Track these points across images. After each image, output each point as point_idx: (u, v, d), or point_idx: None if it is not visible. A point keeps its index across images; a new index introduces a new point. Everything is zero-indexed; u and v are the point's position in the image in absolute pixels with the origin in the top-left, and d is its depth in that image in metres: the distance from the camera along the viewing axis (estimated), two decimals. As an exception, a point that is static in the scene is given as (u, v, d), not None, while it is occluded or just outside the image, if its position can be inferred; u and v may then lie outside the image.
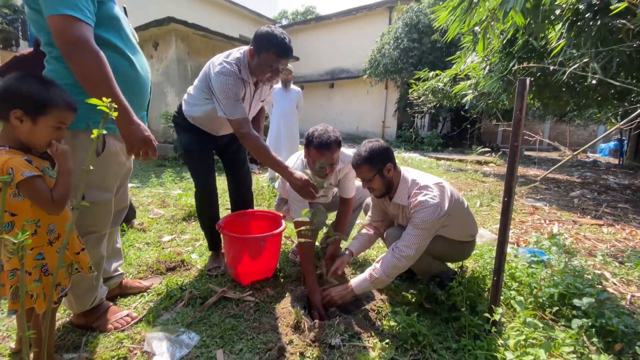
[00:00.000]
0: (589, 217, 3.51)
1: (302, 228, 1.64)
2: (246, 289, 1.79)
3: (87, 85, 1.09)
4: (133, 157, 1.24)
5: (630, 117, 2.21)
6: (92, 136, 1.00)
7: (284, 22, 23.66)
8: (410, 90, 8.17)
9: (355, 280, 1.59)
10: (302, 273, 1.90)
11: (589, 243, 2.72)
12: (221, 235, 1.98)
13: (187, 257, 2.16)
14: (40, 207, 1.00)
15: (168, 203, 3.49)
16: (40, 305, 1.02)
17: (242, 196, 2.18)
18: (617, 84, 2.32)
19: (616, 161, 9.67)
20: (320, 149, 1.64)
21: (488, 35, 2.85)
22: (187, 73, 6.20)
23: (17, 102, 0.96)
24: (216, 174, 2.00)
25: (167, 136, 6.62)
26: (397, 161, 1.66)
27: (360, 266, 2.15)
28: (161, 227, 2.74)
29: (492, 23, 2.75)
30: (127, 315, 1.50)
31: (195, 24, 5.89)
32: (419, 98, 8.14)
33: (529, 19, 3.08)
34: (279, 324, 1.51)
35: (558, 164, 2.71)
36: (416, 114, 11.66)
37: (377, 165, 1.56)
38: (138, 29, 6.14)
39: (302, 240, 1.64)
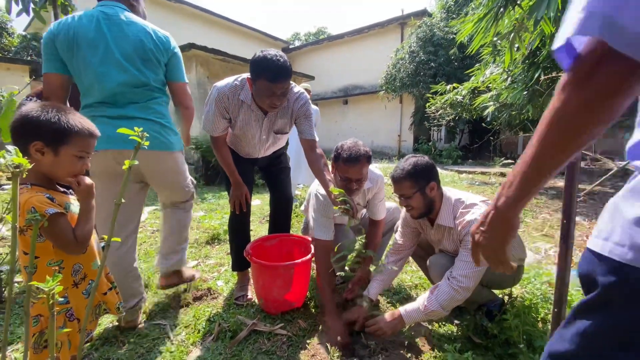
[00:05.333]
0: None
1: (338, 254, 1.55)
2: (276, 321, 1.69)
3: (189, 125, 1.78)
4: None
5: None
6: (124, 167, 0.96)
7: (297, 43, 24.29)
8: (427, 104, 8.08)
9: (406, 310, 1.45)
10: (318, 292, 1.81)
11: None
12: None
13: (214, 285, 2.09)
14: (61, 248, 0.93)
15: (191, 226, 3.46)
16: (65, 354, 0.93)
17: (279, 220, 2.14)
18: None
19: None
20: (349, 162, 1.58)
21: (516, 46, 2.76)
22: (206, 96, 6.36)
23: (36, 133, 0.89)
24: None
25: (188, 157, 6.73)
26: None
27: (396, 293, 2.01)
28: (185, 252, 2.69)
29: (520, 33, 2.67)
30: None
31: (215, 49, 6.07)
32: (437, 112, 8.03)
33: (555, 28, 2.98)
34: (316, 362, 1.39)
35: (606, 175, 2.52)
36: (433, 127, 11.52)
37: (420, 182, 1.46)
38: (160, 56, 6.37)
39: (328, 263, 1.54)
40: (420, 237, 1.75)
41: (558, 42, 0.44)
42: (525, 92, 4.69)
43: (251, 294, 1.94)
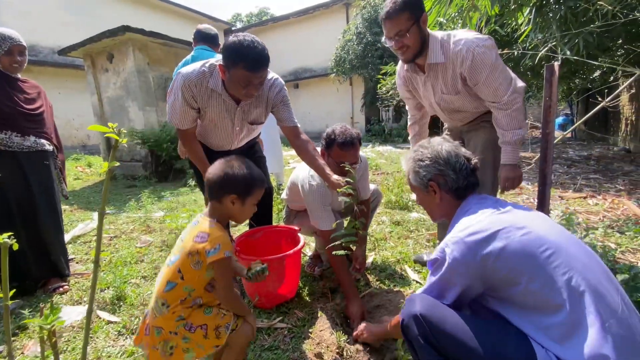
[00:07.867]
0: (570, 191, 3.71)
1: (335, 238, 1.54)
2: (273, 315, 1.65)
3: None
4: None
5: (613, 94, 2.34)
6: (102, 170, 0.87)
7: (239, 24, 23.12)
8: (379, 85, 8.27)
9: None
10: (339, 282, 1.80)
11: (581, 217, 2.86)
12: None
13: (195, 287, 1.97)
14: (220, 285, 1.07)
15: (153, 227, 3.20)
16: (201, 353, 1.07)
17: (259, 212, 2.02)
18: (597, 63, 2.45)
19: (568, 135, 10.45)
20: (344, 147, 1.59)
21: (467, 25, 2.90)
22: (149, 85, 5.79)
23: (234, 188, 1.10)
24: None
25: (134, 154, 6.15)
26: (373, 156, 1.62)
27: (382, 270, 2.07)
28: (155, 257, 2.48)
29: (470, 13, 2.80)
30: None
31: (153, 32, 5.51)
32: (388, 92, 8.27)
33: (498, 8, 3.18)
34: (322, 351, 1.39)
35: (558, 138, 2.80)
36: (382, 107, 11.88)
37: (417, 12, 1.42)
38: (90, 41, 5.66)
39: (338, 253, 1.53)
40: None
41: None
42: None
43: (239, 291, 1.86)
